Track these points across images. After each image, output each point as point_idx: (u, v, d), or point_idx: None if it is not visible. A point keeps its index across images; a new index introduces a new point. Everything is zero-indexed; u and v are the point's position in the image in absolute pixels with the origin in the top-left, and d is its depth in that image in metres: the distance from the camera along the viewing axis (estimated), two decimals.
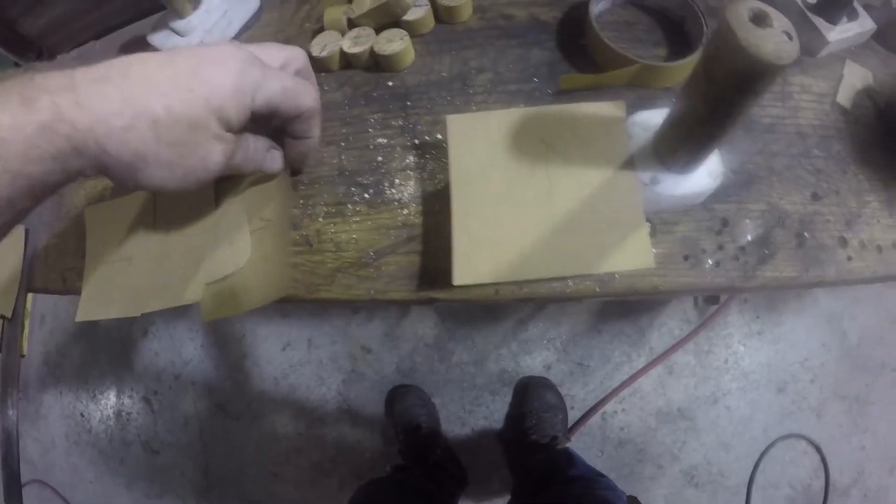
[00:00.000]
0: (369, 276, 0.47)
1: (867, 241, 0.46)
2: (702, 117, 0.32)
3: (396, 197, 0.49)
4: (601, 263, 0.39)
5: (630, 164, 0.40)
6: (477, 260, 0.40)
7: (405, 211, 0.48)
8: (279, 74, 0.39)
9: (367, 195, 0.50)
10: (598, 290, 0.42)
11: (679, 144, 0.36)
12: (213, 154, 0.37)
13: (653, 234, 0.43)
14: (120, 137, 0.32)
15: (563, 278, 0.42)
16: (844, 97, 0.51)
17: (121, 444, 1.70)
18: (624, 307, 1.41)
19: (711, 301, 1.33)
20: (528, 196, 0.41)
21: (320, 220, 0.50)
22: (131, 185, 0.36)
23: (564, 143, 0.41)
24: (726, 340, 1.38)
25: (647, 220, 0.43)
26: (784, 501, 1.32)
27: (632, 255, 0.38)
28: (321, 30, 0.58)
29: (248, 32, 0.65)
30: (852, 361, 1.37)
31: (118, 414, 1.71)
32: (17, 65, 0.84)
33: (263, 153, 0.44)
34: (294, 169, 0.51)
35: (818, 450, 1.33)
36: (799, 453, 1.34)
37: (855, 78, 0.52)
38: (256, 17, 0.65)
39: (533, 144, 0.42)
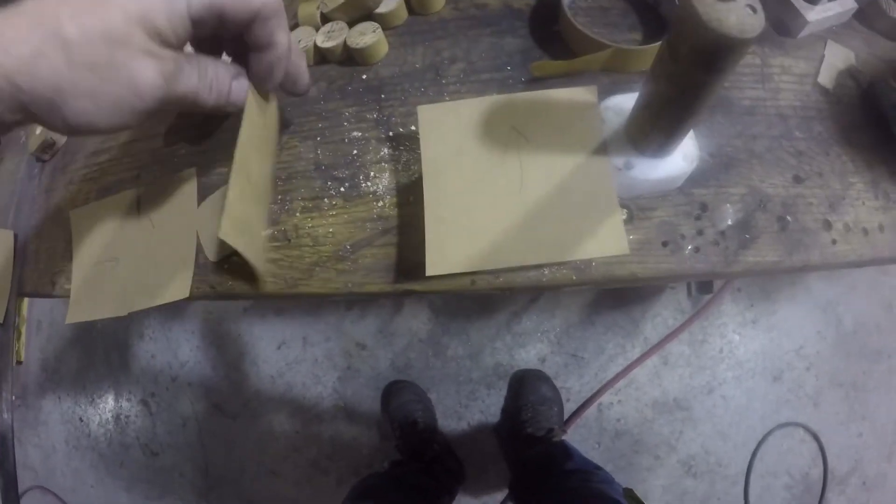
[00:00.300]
0: (347, 269, 0.46)
1: (852, 223, 0.46)
2: (670, 99, 0.32)
3: (372, 189, 0.48)
4: (575, 250, 0.38)
5: (603, 149, 0.39)
6: (450, 250, 0.39)
7: (380, 203, 0.47)
8: None
9: (343, 189, 0.49)
10: (574, 278, 0.41)
11: (650, 128, 0.36)
12: (144, 74, 0.31)
13: (630, 219, 0.42)
14: (29, 68, 0.28)
15: (539, 267, 0.41)
16: (826, 78, 0.51)
17: (120, 447, 1.70)
18: (617, 298, 1.41)
19: (705, 290, 1.33)
20: (500, 184, 0.40)
21: (297, 214, 0.50)
22: (60, 127, 0.31)
23: (536, 130, 0.41)
24: (721, 330, 1.38)
25: (624, 205, 0.42)
26: (783, 490, 1.32)
27: (606, 242, 0.38)
28: (296, 26, 0.57)
29: None
30: (848, 349, 1.36)
31: (117, 417, 1.72)
32: None
33: (227, 80, 0.37)
34: (262, 87, 0.42)
35: (816, 438, 1.33)
36: (797, 442, 1.34)
37: (836, 58, 0.52)
38: None
39: (504, 132, 0.41)
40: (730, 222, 0.44)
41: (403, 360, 1.47)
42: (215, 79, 0.36)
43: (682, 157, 0.39)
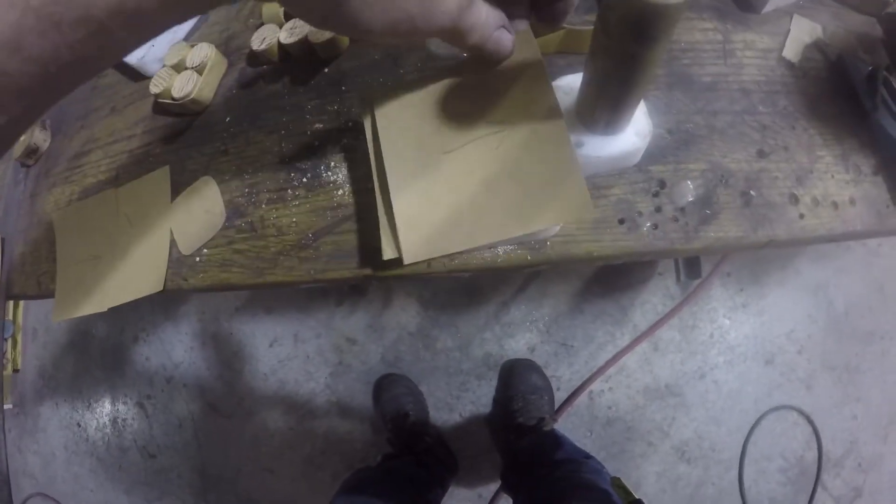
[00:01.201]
0: (309, 256, 0.47)
1: (821, 197, 0.45)
2: (608, 73, 0.32)
3: (332, 179, 0.49)
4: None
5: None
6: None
7: (340, 192, 0.48)
8: None
9: (305, 179, 0.50)
10: (529, 258, 0.41)
11: (595, 104, 0.35)
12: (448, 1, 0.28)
13: None
14: None
15: (493, 247, 0.41)
16: (791, 52, 0.50)
17: (118, 450, 1.71)
18: (605, 286, 1.41)
19: (694, 276, 1.33)
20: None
21: (263, 206, 0.51)
22: (323, 22, 0.27)
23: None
24: (711, 315, 1.37)
25: None
26: (778, 473, 1.32)
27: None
28: (261, 24, 0.58)
29: (198, 32, 0.65)
30: (840, 331, 1.36)
31: (114, 421, 1.73)
32: None
33: (494, 27, 0.33)
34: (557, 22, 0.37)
35: (809, 421, 1.32)
36: (790, 425, 1.33)
37: (802, 32, 0.51)
38: (204, 18, 0.65)
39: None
40: (690, 198, 0.43)
41: (394, 354, 1.48)
42: (486, 24, 0.32)
43: (634, 133, 0.39)
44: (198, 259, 0.52)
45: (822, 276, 1.37)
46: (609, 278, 1.41)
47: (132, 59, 0.62)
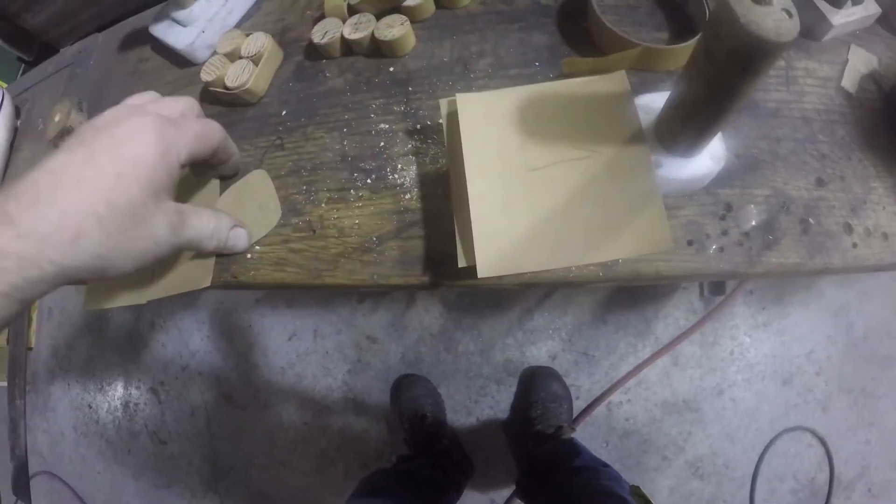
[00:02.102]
0: (373, 261, 0.47)
1: (873, 227, 0.46)
2: (703, 99, 0.32)
3: (398, 182, 0.49)
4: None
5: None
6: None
7: (407, 196, 0.48)
8: (187, 123, 0.42)
9: (369, 180, 0.50)
10: (601, 274, 0.41)
11: (681, 127, 0.36)
12: (159, 230, 0.39)
13: None
14: (72, 250, 0.33)
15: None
16: (849, 82, 0.51)
17: (128, 434, 1.72)
18: (629, 297, 1.41)
19: (717, 292, 1.33)
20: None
21: (323, 205, 0.50)
22: (96, 279, 0.42)
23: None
24: (732, 332, 1.38)
25: None
26: (789, 494, 1.32)
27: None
28: (322, 17, 0.57)
29: (250, 21, 0.64)
30: (859, 354, 1.36)
31: (126, 405, 1.73)
32: (20, 59, 0.84)
33: (226, 230, 0.46)
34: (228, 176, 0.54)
35: (823, 443, 1.32)
36: (804, 446, 1.33)
37: (860, 62, 0.52)
38: (257, 6, 0.65)
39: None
40: (754, 223, 0.44)
41: (414, 355, 1.48)
42: (216, 229, 0.45)
43: (709, 157, 0.40)
44: (249, 256, 0.51)
45: (845, 299, 1.37)
46: (633, 289, 1.41)
47: (180, 44, 0.61)
